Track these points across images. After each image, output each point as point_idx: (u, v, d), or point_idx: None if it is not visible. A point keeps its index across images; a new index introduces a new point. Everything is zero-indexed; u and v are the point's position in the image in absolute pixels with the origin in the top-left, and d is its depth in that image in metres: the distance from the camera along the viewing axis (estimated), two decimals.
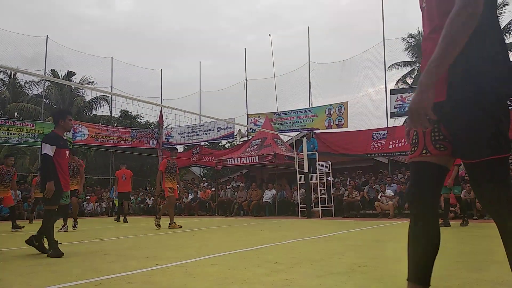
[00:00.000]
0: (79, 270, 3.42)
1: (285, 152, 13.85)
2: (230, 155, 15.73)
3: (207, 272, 3.19)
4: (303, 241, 5.37)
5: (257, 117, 18.21)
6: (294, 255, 4.08)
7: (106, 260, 4.04)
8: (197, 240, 6.07)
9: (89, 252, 4.76)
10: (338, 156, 15.12)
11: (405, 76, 24.09)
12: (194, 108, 20.03)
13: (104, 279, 3.01)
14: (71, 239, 6.55)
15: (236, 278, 2.93)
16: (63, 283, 2.87)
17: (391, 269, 3.16)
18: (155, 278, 3.03)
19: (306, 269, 3.24)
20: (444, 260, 3.77)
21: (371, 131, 14.78)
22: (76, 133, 17.88)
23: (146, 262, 3.78)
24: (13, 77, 24.08)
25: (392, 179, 12.50)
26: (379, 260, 3.64)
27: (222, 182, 17.76)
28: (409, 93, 14.55)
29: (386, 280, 2.78)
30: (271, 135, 14.48)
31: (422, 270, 1.73)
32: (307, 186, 11.56)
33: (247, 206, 14.01)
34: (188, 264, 3.66)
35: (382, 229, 7.35)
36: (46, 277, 3.17)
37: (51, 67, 22.78)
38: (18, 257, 4.46)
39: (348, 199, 11.84)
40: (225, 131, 18.86)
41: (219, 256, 4.13)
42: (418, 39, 23.77)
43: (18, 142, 16.05)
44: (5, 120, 16.40)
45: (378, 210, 11.18)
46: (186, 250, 4.80)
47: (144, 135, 20.51)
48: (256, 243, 5.24)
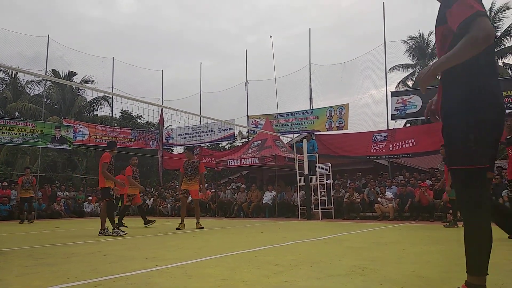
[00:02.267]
0: (79, 271, 3.41)
1: (285, 153, 13.85)
2: (230, 157, 15.73)
3: (206, 274, 3.19)
4: (303, 243, 5.36)
5: (257, 118, 18.21)
6: (294, 257, 4.08)
7: (106, 260, 4.03)
8: (197, 241, 6.07)
9: (89, 252, 4.75)
10: (338, 158, 15.12)
11: (406, 78, 24.09)
12: (194, 109, 20.05)
13: (104, 280, 3.01)
14: (71, 239, 6.54)
15: (235, 280, 2.93)
16: (62, 284, 2.87)
17: (391, 272, 3.16)
18: (155, 279, 3.03)
19: (306, 271, 3.23)
20: (445, 262, 3.77)
21: (371, 133, 14.77)
22: (76, 133, 17.89)
23: (145, 263, 3.78)
24: (14, 77, 24.09)
25: (392, 181, 12.49)
26: (379, 262, 3.63)
27: (222, 183, 17.75)
28: (410, 96, 14.56)
29: (386, 282, 2.77)
30: (271, 137, 14.48)
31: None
32: (307, 188, 11.56)
33: (247, 207, 14.00)
34: (188, 265, 3.66)
35: (382, 231, 7.35)
36: (45, 277, 3.17)
37: (52, 67, 22.83)
38: (17, 257, 4.45)
39: (348, 201, 11.83)
40: (226, 132, 18.86)
41: (219, 257, 4.12)
42: (419, 42, 23.80)
43: (19, 142, 16.04)
44: (5, 119, 16.40)
45: (378, 212, 11.17)
46: (186, 251, 4.80)
47: (144, 136, 20.52)
48: (256, 244, 5.24)
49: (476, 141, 1.90)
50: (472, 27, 1.81)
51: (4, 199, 14.71)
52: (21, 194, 12.02)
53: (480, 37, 1.78)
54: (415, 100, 14.34)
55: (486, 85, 1.96)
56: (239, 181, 16.91)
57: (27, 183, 12.03)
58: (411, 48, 23.78)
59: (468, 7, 1.85)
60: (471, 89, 1.95)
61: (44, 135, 16.34)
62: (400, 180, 12.53)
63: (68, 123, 18.06)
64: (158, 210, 16.24)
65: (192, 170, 8.79)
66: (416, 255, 4.10)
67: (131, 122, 24.15)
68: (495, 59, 2.03)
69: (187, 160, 8.94)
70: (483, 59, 1.93)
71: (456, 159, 1.97)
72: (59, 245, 5.61)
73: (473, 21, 1.82)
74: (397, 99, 14.60)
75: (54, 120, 19.76)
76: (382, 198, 11.36)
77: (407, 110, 14.46)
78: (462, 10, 1.87)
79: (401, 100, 14.56)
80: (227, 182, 17.79)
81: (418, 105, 14.21)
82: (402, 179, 12.66)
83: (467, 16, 1.84)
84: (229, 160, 14.97)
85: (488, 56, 1.96)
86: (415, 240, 5.76)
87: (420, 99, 14.26)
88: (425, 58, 23.55)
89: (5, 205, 14.59)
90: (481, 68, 1.95)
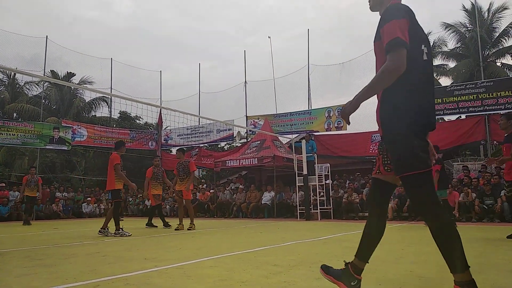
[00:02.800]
0: (77, 272, 3.41)
1: (284, 154, 13.85)
2: (229, 157, 15.73)
3: (205, 274, 3.19)
4: (301, 243, 5.37)
5: (256, 119, 18.22)
6: (293, 257, 4.08)
7: (105, 261, 4.03)
8: (195, 241, 6.06)
9: (88, 253, 4.75)
10: (337, 158, 15.13)
11: None
12: (193, 109, 20.06)
13: (103, 280, 3.01)
14: (69, 240, 6.53)
15: (234, 280, 2.93)
16: (61, 285, 2.87)
17: (389, 271, 3.16)
18: (154, 279, 3.03)
19: (305, 271, 3.24)
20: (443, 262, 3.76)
21: (370, 134, 14.79)
22: (75, 134, 17.86)
23: (144, 264, 3.78)
24: (12, 78, 24.05)
25: None
26: (378, 262, 3.63)
27: (221, 184, 17.74)
28: None
29: (384, 282, 2.78)
30: (270, 137, 14.48)
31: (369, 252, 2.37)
32: (306, 188, 11.56)
33: (245, 208, 14.00)
34: (187, 266, 3.66)
35: None
36: (44, 278, 3.16)
37: (51, 67, 22.79)
38: (16, 258, 4.44)
39: (347, 201, 11.84)
40: (224, 133, 18.86)
41: (218, 258, 4.12)
42: None
43: (17, 143, 16.01)
44: (4, 120, 16.37)
45: None
46: (185, 251, 4.79)
47: (143, 137, 20.51)
48: (255, 245, 5.24)
49: (419, 146, 2.02)
50: (388, 58, 1.97)
51: (3, 200, 14.66)
52: (26, 193, 11.81)
53: (391, 70, 1.95)
54: None
55: (416, 98, 2.06)
56: (238, 182, 16.90)
57: (32, 183, 11.92)
58: None
59: (391, 33, 1.97)
60: (404, 100, 2.05)
61: (43, 136, 16.32)
62: None
63: (66, 124, 18.04)
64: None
65: (183, 170, 8.74)
66: (414, 255, 4.11)
67: (130, 123, 24.12)
68: (427, 70, 2.13)
69: (179, 161, 8.93)
70: (415, 75, 2.04)
71: (406, 165, 2.03)
72: (58, 246, 5.60)
73: (388, 52, 1.98)
74: None
75: (52, 121, 19.72)
76: None
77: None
78: (387, 34, 2.00)
79: None
80: (226, 182, 17.79)
81: None
82: None
83: (386, 43, 1.99)
84: (228, 160, 14.97)
85: (419, 70, 2.07)
86: (414, 240, 5.76)
87: None
88: None
89: (4, 206, 14.55)
90: (410, 82, 2.04)
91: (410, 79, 2.01)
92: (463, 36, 22.00)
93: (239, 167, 15.27)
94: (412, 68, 2.00)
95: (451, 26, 22.15)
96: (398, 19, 1.99)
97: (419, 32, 2.10)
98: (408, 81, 2.01)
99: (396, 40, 1.94)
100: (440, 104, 13.84)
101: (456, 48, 22.74)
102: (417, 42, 2.06)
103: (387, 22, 2.02)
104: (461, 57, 21.67)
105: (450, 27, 22.16)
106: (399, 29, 1.96)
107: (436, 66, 23.92)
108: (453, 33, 22.27)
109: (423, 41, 2.11)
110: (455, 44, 22.67)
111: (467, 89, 13.65)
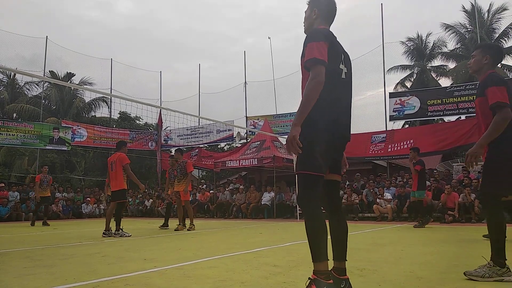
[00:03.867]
0: (77, 272, 3.41)
1: (284, 154, 13.85)
2: (229, 158, 15.73)
3: (205, 275, 3.19)
4: (301, 244, 5.36)
5: (256, 119, 18.23)
6: (293, 258, 4.08)
7: (104, 262, 4.03)
8: (195, 242, 6.06)
9: (87, 254, 4.74)
10: None
11: (404, 79, 24.12)
12: (193, 110, 20.07)
13: (102, 281, 3.01)
14: (69, 240, 6.53)
15: (234, 281, 2.93)
16: (60, 285, 2.87)
17: (389, 272, 3.16)
18: (153, 280, 3.03)
19: (305, 272, 3.23)
20: (443, 263, 3.77)
21: (370, 134, 14.79)
22: (75, 135, 17.86)
23: (144, 264, 3.77)
24: (12, 78, 24.06)
25: (391, 182, 12.50)
26: (378, 263, 3.64)
27: (221, 184, 17.73)
28: (408, 97, 14.60)
29: (384, 283, 2.78)
30: (270, 138, 14.48)
31: (326, 252, 2.34)
32: None
33: (245, 208, 13.99)
34: (186, 266, 3.66)
35: (381, 232, 7.35)
36: (44, 279, 3.16)
37: (50, 68, 22.82)
38: (15, 259, 4.44)
39: (347, 202, 11.83)
40: (224, 133, 18.87)
41: (218, 258, 4.12)
42: (417, 43, 23.82)
43: (17, 143, 16.00)
44: (3, 121, 16.36)
45: (377, 213, 11.18)
46: (185, 252, 4.79)
47: (143, 137, 20.50)
48: (255, 245, 5.24)
49: (319, 152, 2.25)
50: (310, 74, 2.23)
51: (3, 200, 14.64)
52: (40, 194, 11.46)
53: (314, 84, 2.18)
54: (413, 101, 14.38)
55: (327, 111, 2.28)
56: (237, 182, 16.89)
57: (44, 182, 11.61)
58: (409, 49, 23.79)
59: (310, 53, 2.24)
60: (315, 113, 2.25)
61: (43, 136, 16.31)
62: (398, 181, 12.54)
63: (66, 124, 18.04)
64: (156, 211, 16.20)
65: (180, 171, 8.73)
66: (414, 256, 4.11)
67: (130, 123, 24.14)
68: (345, 88, 2.43)
69: (178, 162, 8.93)
70: (331, 90, 2.29)
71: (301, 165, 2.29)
72: (57, 246, 5.60)
73: (308, 69, 2.25)
74: (396, 100, 14.63)
75: (52, 121, 19.73)
76: (381, 199, 11.37)
77: (405, 111, 14.50)
78: (307, 54, 2.26)
79: (399, 101, 14.59)
80: (225, 183, 17.78)
81: (417, 106, 14.25)
82: (401, 180, 12.67)
83: (306, 61, 2.26)
84: (227, 161, 14.97)
85: (337, 86, 2.36)
86: (414, 241, 5.76)
87: (418, 100, 14.31)
88: (423, 59, 23.59)
89: (4, 207, 14.52)
90: (323, 98, 2.25)
91: (324, 94, 2.23)
92: (463, 37, 22.02)
93: (239, 167, 15.27)
94: (329, 84, 2.24)
95: (451, 27, 22.18)
96: (317, 41, 2.25)
97: (339, 53, 2.39)
98: (321, 96, 2.22)
99: (314, 59, 2.22)
100: (440, 104, 13.86)
101: (456, 49, 22.76)
102: (336, 62, 2.35)
103: (308, 43, 2.29)
104: (461, 58, 21.67)
105: (450, 28, 22.19)
106: (317, 49, 2.23)
107: (436, 67, 23.96)
108: (453, 34, 22.31)
109: (343, 61, 2.40)
110: (455, 45, 22.73)
111: (467, 90, 13.67)
